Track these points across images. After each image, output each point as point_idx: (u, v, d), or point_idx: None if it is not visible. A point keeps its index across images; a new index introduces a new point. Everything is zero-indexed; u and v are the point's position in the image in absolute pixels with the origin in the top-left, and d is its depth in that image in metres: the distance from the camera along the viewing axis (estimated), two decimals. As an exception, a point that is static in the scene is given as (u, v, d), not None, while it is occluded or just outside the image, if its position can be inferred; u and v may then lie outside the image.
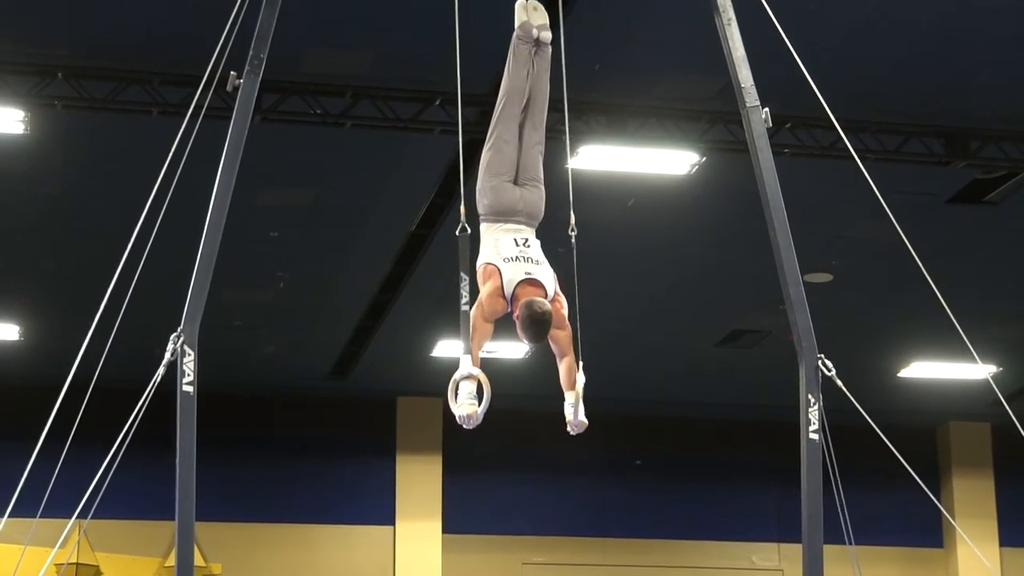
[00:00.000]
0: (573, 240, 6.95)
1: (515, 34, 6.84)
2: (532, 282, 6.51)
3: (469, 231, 6.59)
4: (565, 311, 6.65)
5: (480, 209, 6.73)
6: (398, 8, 10.17)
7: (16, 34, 10.48)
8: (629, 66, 11.04)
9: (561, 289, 6.70)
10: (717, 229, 13.55)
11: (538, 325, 6.39)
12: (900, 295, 14.24)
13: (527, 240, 6.64)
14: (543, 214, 6.80)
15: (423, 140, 11.47)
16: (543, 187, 6.82)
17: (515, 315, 6.47)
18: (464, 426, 6.38)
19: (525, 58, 6.82)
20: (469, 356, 6.35)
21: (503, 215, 6.68)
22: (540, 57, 6.85)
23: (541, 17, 6.87)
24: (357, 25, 10.42)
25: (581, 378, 6.67)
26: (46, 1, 10.10)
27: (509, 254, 6.56)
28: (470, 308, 6.44)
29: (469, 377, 6.32)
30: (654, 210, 13.12)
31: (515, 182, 6.74)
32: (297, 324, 16.16)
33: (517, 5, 6.90)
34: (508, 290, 6.50)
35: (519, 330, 6.45)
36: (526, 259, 6.56)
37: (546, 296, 6.51)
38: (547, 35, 6.85)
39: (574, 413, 6.66)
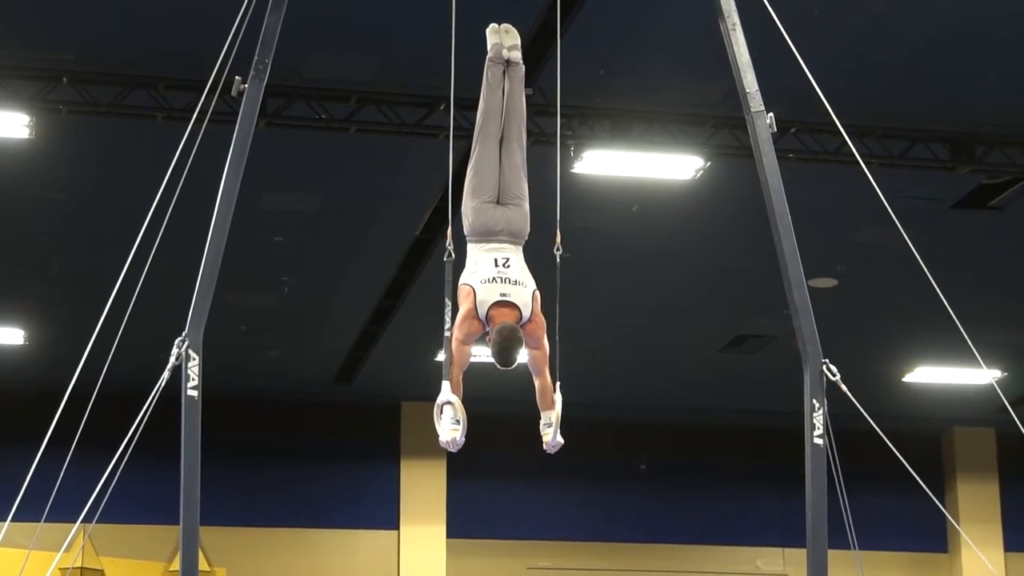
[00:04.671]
0: (559, 259, 6.97)
1: (487, 56, 6.96)
2: (506, 304, 6.57)
3: (454, 257, 6.73)
4: (542, 332, 6.68)
5: (464, 229, 6.83)
6: (403, 13, 10.18)
7: (22, 39, 10.49)
8: (633, 71, 11.04)
9: (543, 308, 6.73)
10: (721, 234, 13.55)
11: (506, 351, 6.47)
12: (905, 300, 14.23)
13: (508, 260, 6.68)
14: (528, 231, 6.85)
15: (428, 145, 11.47)
16: (527, 205, 6.87)
17: (487, 338, 6.56)
18: (448, 450, 6.62)
19: (498, 79, 6.94)
20: (449, 382, 6.51)
21: (485, 235, 6.76)
22: (512, 77, 6.97)
23: (512, 39, 7.00)
24: (362, 30, 10.42)
25: (558, 399, 6.75)
26: (51, 6, 10.11)
27: (486, 275, 6.63)
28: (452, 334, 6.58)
29: (449, 403, 6.44)
30: (658, 215, 13.12)
31: (497, 202, 6.80)
32: (301, 329, 16.16)
33: (489, 29, 7.02)
34: (482, 311, 6.59)
35: (491, 353, 6.52)
36: (503, 280, 6.62)
37: (520, 318, 6.57)
38: (517, 55, 6.97)
39: (552, 434, 6.79)
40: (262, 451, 18.28)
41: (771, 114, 7.01)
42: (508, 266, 6.65)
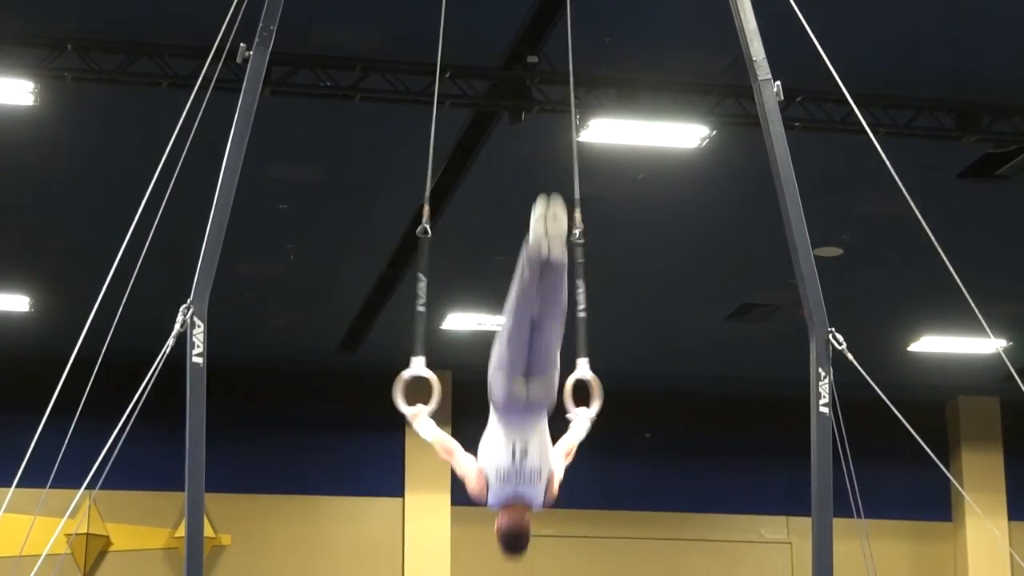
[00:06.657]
0: (580, 241, 6.99)
1: (528, 243, 6.10)
2: (518, 501, 6.69)
3: (430, 234, 6.74)
4: (556, 489, 6.85)
5: (489, 394, 6.60)
6: (408, -20, 10.15)
7: (26, 6, 10.46)
8: (639, 39, 11.00)
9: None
10: (727, 203, 13.53)
11: (511, 550, 6.75)
12: (910, 269, 14.21)
13: (526, 448, 6.62)
14: (554, 398, 6.67)
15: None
16: (556, 373, 6.55)
17: (496, 526, 6.71)
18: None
19: (535, 276, 6.17)
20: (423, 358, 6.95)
21: (507, 410, 6.58)
22: (550, 273, 6.19)
23: (558, 227, 6.03)
24: (367, -3, 10.39)
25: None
26: (56, -27, 10.10)
27: (502, 465, 6.65)
28: (425, 311, 7.02)
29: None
30: (664, 184, 13.09)
31: (525, 374, 6.44)
32: (306, 297, 16.16)
33: (537, 204, 6.03)
34: (492, 501, 6.73)
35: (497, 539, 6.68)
36: (519, 476, 6.65)
37: (530, 509, 6.71)
38: (557, 254, 6.07)
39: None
40: (266, 418, 18.30)
41: (778, 82, 6.99)
42: (526, 455, 6.62)
